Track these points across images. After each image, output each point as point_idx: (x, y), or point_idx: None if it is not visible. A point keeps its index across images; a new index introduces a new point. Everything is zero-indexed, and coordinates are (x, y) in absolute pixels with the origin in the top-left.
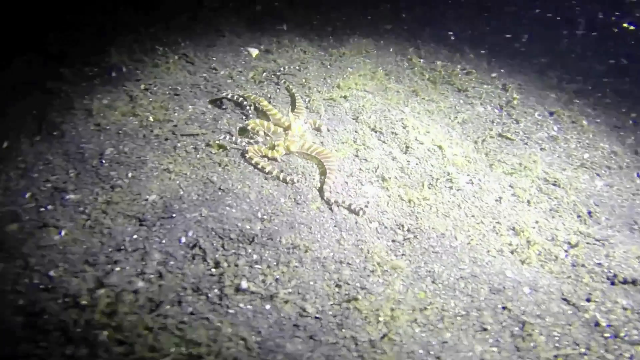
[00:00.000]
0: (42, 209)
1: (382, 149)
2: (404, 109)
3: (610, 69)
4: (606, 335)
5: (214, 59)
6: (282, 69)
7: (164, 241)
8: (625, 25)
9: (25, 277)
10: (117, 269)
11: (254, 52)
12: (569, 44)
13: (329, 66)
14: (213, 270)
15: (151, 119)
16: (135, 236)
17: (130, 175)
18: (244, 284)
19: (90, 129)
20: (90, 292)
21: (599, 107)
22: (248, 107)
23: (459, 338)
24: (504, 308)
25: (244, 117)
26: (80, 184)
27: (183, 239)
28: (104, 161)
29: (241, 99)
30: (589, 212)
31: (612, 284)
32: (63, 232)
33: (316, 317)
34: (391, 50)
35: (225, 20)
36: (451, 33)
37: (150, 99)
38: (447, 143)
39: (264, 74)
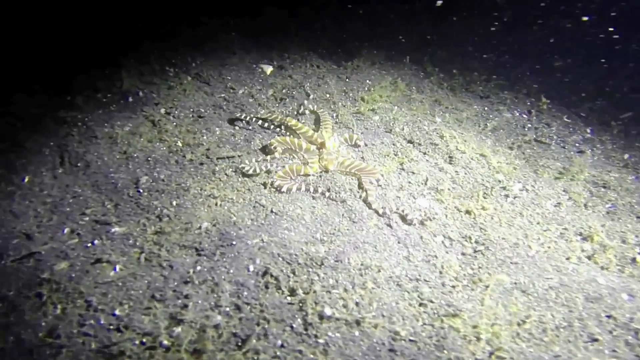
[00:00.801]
0: (89, 245)
1: (425, 160)
2: (435, 119)
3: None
4: None
5: (229, 78)
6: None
7: (231, 271)
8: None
9: (90, 317)
10: (190, 303)
11: (268, 69)
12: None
13: (347, 79)
14: (289, 298)
15: (179, 143)
16: (199, 267)
17: (175, 203)
18: (328, 311)
19: (116, 157)
20: (168, 330)
21: (623, 107)
22: (267, 126)
23: (571, 351)
24: (608, 317)
25: (279, 136)
26: (122, 215)
27: (251, 267)
28: (141, 190)
29: (260, 120)
30: None
31: None
32: (118, 268)
33: (411, 340)
34: (404, 60)
35: (230, 37)
36: (467, 43)
37: (175, 123)
38: (488, 151)
39: (284, 90)
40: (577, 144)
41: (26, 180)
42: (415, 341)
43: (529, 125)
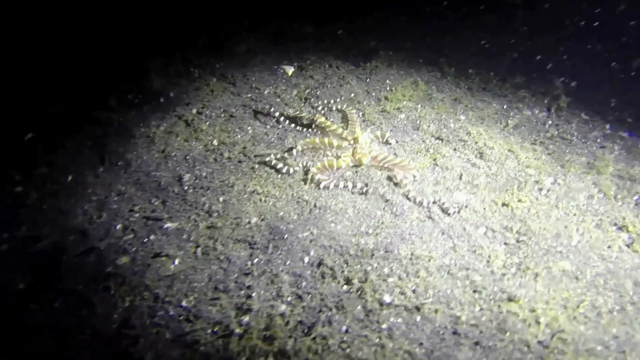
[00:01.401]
0: (146, 240)
1: (457, 156)
2: (460, 117)
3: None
4: None
5: (253, 79)
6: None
7: (287, 263)
8: None
9: (160, 309)
10: (253, 294)
11: (290, 70)
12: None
13: (367, 80)
14: (345, 287)
15: (215, 142)
16: (255, 260)
17: (221, 199)
18: (387, 298)
19: (155, 156)
20: (237, 319)
21: (635, 103)
22: (297, 124)
23: (628, 332)
24: None
25: (308, 135)
26: (172, 211)
27: (306, 259)
28: (185, 187)
29: (288, 120)
30: None
31: None
32: (177, 261)
33: (472, 324)
34: (420, 61)
35: (249, 41)
36: (483, 42)
37: (208, 123)
38: (516, 147)
39: (307, 90)
40: (598, 140)
41: (70, 179)
42: (477, 325)
43: (549, 122)
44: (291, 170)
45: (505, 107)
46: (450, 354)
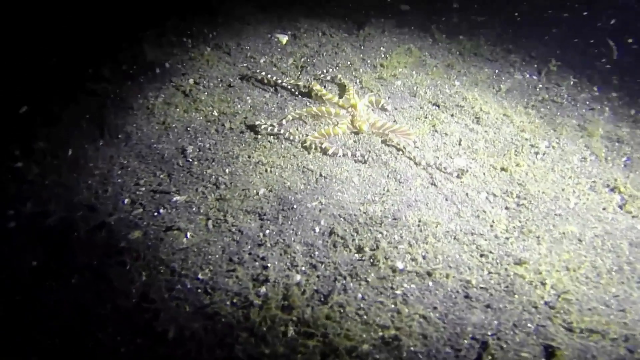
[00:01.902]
0: (156, 214)
1: (455, 122)
2: (455, 82)
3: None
4: None
5: (247, 47)
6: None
7: (299, 233)
8: None
9: (177, 282)
10: (268, 264)
11: (284, 38)
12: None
13: (361, 47)
14: (357, 255)
15: (215, 113)
16: (267, 231)
17: (227, 171)
18: (400, 264)
19: (155, 128)
20: (255, 290)
21: (624, 66)
22: (293, 92)
23: (626, 291)
24: None
25: (308, 103)
26: (178, 184)
27: (317, 228)
28: (190, 159)
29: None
30: None
31: None
32: (189, 234)
33: (482, 287)
34: (412, 27)
35: (242, 9)
36: (475, 6)
37: (206, 93)
38: (511, 111)
39: (302, 59)
40: (587, 102)
41: (70, 153)
42: (486, 288)
43: (540, 85)
44: (292, 137)
45: (496, 71)
46: (464, 316)
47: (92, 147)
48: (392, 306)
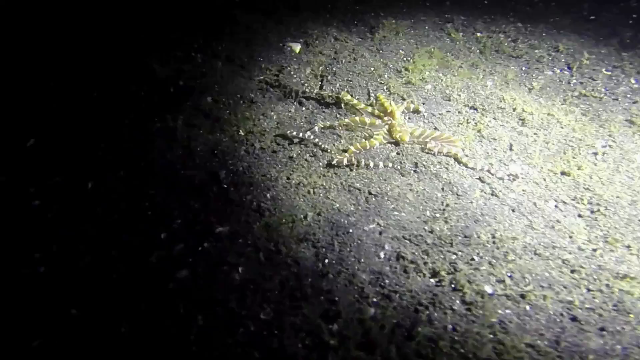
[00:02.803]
0: (200, 248)
1: (500, 125)
2: (487, 82)
3: None
4: None
5: (261, 59)
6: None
7: (362, 260)
8: None
9: (239, 325)
10: (336, 298)
11: (297, 47)
12: None
13: (380, 51)
14: (432, 280)
15: (242, 132)
16: (326, 260)
17: (269, 196)
18: (489, 289)
19: (179, 153)
20: (327, 328)
21: None
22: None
23: None
24: None
25: (338, 115)
26: (218, 214)
27: (382, 254)
28: (225, 185)
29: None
30: None
31: None
32: (241, 269)
33: (588, 308)
34: (426, 27)
35: (247, 17)
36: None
37: (227, 111)
38: (555, 110)
39: (320, 67)
40: (627, 95)
41: (90, 186)
42: (593, 308)
43: (574, 80)
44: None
45: (524, 68)
46: (579, 343)
47: (113, 178)
48: (491, 336)
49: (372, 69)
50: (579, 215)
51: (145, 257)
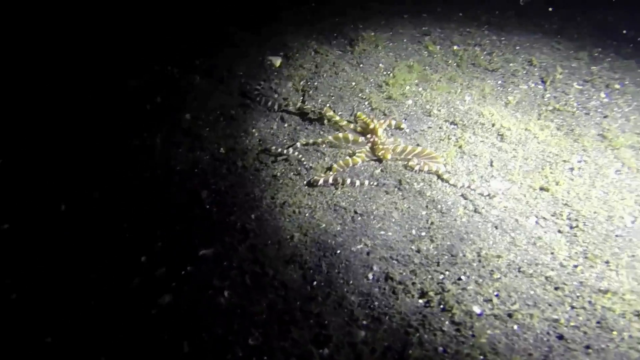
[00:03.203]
0: (183, 272)
1: (480, 141)
2: (465, 97)
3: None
4: None
5: (240, 73)
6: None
7: (350, 282)
8: None
9: (226, 352)
10: (325, 322)
11: (277, 60)
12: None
13: (360, 65)
14: (421, 301)
15: (222, 150)
16: (314, 283)
17: (253, 216)
18: (477, 309)
19: (158, 172)
20: (318, 353)
21: (620, 68)
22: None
23: None
24: None
25: (322, 132)
26: (201, 235)
27: (370, 275)
28: (207, 206)
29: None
30: None
31: None
32: (226, 293)
33: (573, 326)
34: (405, 40)
35: (222, 29)
36: (461, 18)
37: (207, 129)
38: (532, 125)
39: (301, 82)
40: (598, 110)
41: (63, 208)
42: (577, 326)
43: (548, 95)
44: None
45: (500, 82)
46: None
47: (87, 198)
48: (482, 357)
49: (354, 83)
50: (559, 231)
51: (125, 282)
